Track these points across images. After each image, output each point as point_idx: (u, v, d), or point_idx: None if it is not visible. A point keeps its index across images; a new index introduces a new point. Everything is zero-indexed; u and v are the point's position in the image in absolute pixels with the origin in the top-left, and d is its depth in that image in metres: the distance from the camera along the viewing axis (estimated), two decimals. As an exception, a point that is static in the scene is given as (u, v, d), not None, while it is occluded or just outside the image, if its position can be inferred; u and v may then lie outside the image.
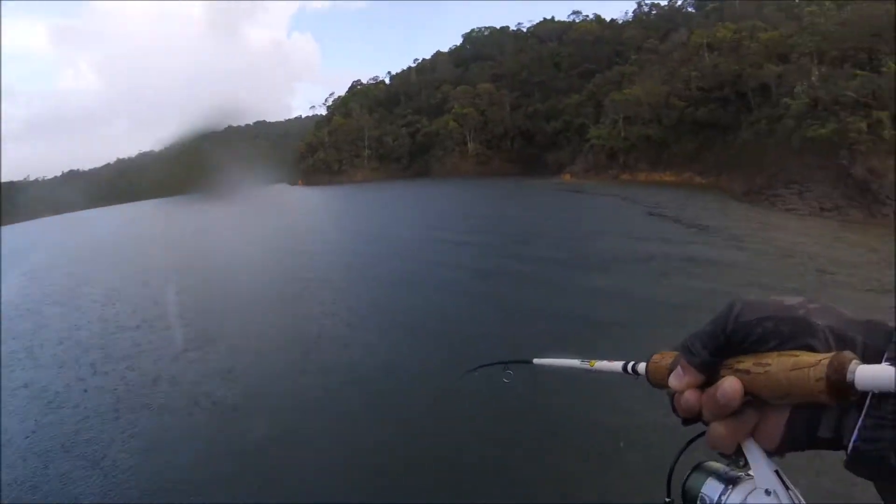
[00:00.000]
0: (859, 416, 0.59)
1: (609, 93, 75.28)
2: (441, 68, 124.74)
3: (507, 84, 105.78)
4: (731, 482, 0.77)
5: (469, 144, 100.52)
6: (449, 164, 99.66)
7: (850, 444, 0.59)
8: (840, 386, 0.57)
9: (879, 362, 0.58)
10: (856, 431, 0.58)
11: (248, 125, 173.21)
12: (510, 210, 44.33)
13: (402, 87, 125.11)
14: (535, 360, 1.49)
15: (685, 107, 62.83)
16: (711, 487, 0.79)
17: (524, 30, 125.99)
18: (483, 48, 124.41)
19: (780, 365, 0.64)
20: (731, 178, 51.06)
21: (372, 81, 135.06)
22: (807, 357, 0.63)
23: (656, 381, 0.84)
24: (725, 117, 58.41)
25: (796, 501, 0.71)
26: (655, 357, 0.86)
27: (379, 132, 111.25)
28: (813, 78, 44.65)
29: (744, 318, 0.70)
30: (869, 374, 0.54)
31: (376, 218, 45.98)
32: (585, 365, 1.15)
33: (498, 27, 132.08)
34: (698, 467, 0.83)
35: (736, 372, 0.69)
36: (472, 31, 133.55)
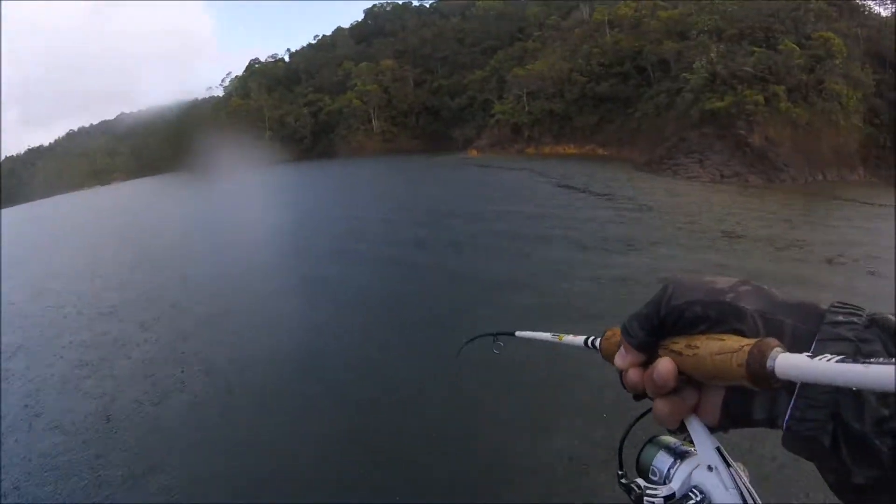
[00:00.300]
0: (791, 397, 0.60)
1: (512, 69, 75.64)
2: (342, 45, 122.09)
3: (410, 60, 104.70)
4: (679, 456, 0.80)
5: (374, 122, 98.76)
6: (354, 143, 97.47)
7: (784, 425, 0.60)
8: (760, 373, 0.57)
9: (810, 346, 0.60)
10: (788, 412, 0.59)
11: (141, 111, 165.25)
12: (424, 187, 42.88)
13: (302, 64, 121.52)
14: (517, 333, 1.52)
15: (587, 82, 64.07)
16: (661, 460, 0.81)
17: (427, 5, 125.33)
18: (385, 24, 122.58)
19: (707, 348, 0.66)
20: (632, 149, 52.57)
21: (270, 59, 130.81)
22: (731, 342, 0.63)
23: (608, 356, 0.86)
24: (626, 91, 59.92)
25: (737, 478, 0.72)
26: (608, 333, 0.88)
27: (280, 112, 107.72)
28: (712, 54, 45.79)
29: (675, 302, 0.72)
30: (789, 364, 0.54)
31: (286, 201, 43.67)
32: (555, 339, 1.20)
33: (400, 2, 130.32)
34: (651, 441, 0.85)
35: (670, 353, 0.71)
36: (374, 6, 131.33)
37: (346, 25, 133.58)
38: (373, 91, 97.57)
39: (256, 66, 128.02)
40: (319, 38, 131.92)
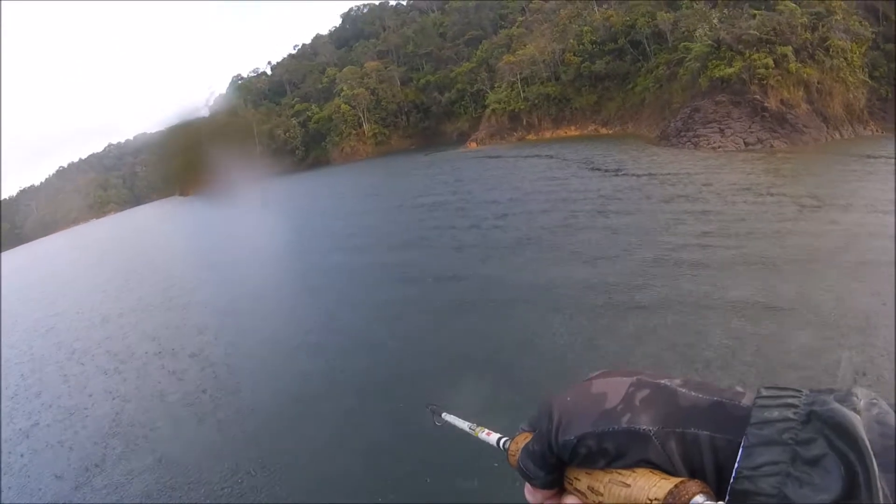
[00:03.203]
0: None
1: (501, 56, 74.92)
2: (323, 51, 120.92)
3: (394, 59, 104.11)
4: None
5: (364, 125, 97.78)
6: (346, 149, 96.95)
7: None
8: None
9: (734, 460, 0.52)
10: None
11: (129, 140, 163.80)
12: (447, 187, 39.06)
13: (285, 76, 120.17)
14: (444, 415, 1.48)
15: (581, 61, 63.17)
16: None
17: (404, 3, 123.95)
18: (364, 26, 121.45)
19: (611, 495, 0.58)
20: (637, 125, 52.02)
21: (253, 74, 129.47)
22: (637, 489, 0.56)
23: (514, 466, 0.78)
24: (623, 67, 59.28)
25: None
26: (512, 447, 0.80)
27: (268, 126, 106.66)
28: (714, 20, 44.99)
29: (564, 437, 0.64)
30: None
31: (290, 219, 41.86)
32: (472, 431, 1.14)
33: (377, 3, 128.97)
34: None
35: (576, 490, 0.65)
36: (350, 10, 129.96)
37: (325, 32, 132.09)
38: (360, 94, 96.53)
39: (240, 81, 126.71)
40: (299, 47, 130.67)
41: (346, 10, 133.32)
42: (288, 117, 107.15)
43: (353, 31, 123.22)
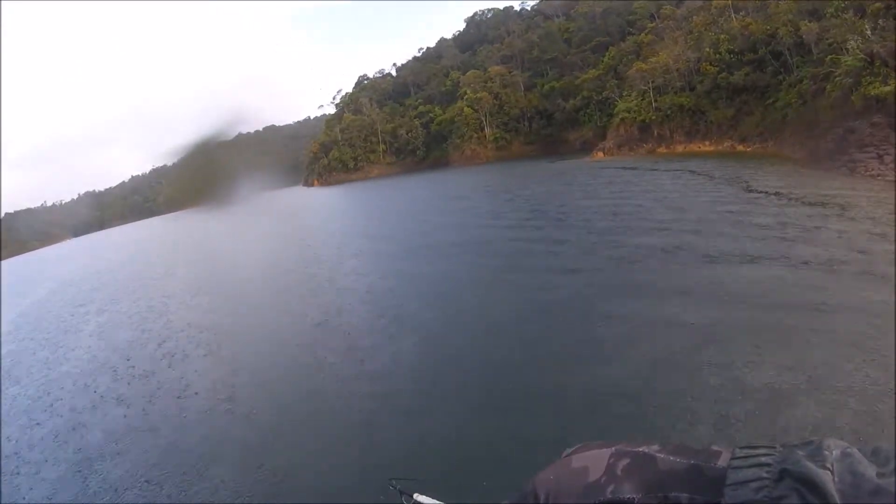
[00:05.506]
0: None
1: (631, 64, 73.70)
2: (447, 55, 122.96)
3: (518, 64, 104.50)
4: None
5: (486, 129, 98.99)
6: (467, 151, 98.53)
7: None
8: None
9: None
10: None
11: (257, 131, 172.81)
12: (591, 198, 36.87)
13: (409, 77, 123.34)
14: (416, 496, 1.40)
15: (718, 72, 60.91)
16: None
17: (528, 8, 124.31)
18: (488, 31, 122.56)
19: None
20: (779, 143, 49.23)
21: (378, 75, 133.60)
22: None
23: None
24: (763, 80, 56.61)
25: None
26: None
27: (392, 125, 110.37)
28: (867, 31, 42.36)
29: None
30: None
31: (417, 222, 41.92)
32: None
33: (501, 8, 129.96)
34: None
35: None
36: (475, 14, 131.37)
37: (449, 36, 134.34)
38: (483, 98, 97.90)
39: (365, 81, 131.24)
40: (424, 50, 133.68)
41: (470, 14, 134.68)
42: (411, 118, 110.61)
43: (477, 36, 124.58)
